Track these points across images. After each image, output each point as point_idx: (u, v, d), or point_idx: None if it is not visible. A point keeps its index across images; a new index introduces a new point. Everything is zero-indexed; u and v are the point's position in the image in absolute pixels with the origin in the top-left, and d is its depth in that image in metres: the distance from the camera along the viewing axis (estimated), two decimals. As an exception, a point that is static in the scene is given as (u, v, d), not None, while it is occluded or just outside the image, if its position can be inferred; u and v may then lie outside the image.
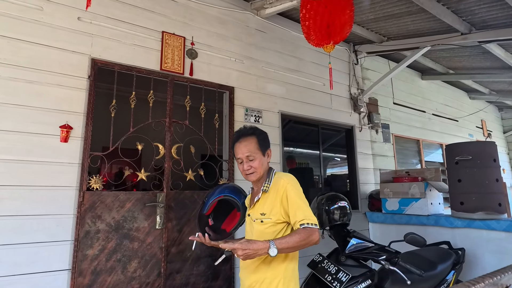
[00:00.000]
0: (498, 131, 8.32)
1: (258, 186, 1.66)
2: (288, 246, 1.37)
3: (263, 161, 1.64)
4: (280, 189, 1.53)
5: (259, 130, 1.72)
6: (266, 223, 1.54)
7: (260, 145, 1.65)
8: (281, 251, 1.36)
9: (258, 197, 1.60)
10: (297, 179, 1.61)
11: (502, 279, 1.02)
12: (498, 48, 4.34)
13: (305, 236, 1.40)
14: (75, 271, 2.27)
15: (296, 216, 1.46)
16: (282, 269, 1.51)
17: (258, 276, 1.53)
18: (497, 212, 2.99)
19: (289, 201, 1.50)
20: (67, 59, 2.48)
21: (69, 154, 2.38)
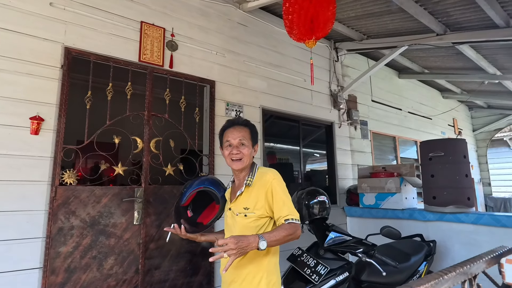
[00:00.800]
0: (468, 129, 8.74)
1: (239, 179, 1.65)
2: (276, 239, 1.40)
3: (251, 151, 1.63)
4: (265, 184, 1.53)
5: (252, 124, 1.72)
6: (250, 217, 1.54)
7: (252, 136, 1.66)
8: (269, 245, 1.38)
9: (241, 191, 1.59)
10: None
11: (471, 269, 1.07)
12: (470, 50, 4.54)
13: (291, 231, 1.43)
14: (47, 269, 2.17)
15: (282, 211, 1.48)
16: (265, 264, 1.52)
17: (240, 271, 1.53)
18: (466, 206, 3.15)
19: (274, 197, 1.51)
20: (39, 46, 2.35)
21: (41, 147, 2.27)
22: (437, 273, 0.94)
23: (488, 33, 3.73)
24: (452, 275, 0.94)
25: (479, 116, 8.92)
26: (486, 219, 2.95)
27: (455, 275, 0.96)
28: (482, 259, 1.13)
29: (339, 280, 2.09)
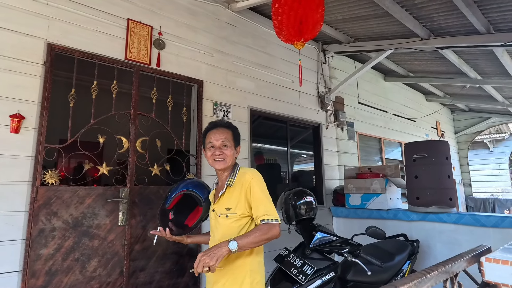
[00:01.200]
0: (450, 132, 9.00)
1: (222, 180, 1.67)
2: (251, 241, 1.42)
3: (233, 153, 1.68)
4: (244, 183, 1.56)
5: (234, 126, 1.77)
6: (231, 218, 1.55)
7: (234, 138, 1.71)
8: (242, 247, 1.39)
9: (223, 192, 1.61)
10: (265, 174, 1.65)
11: (452, 267, 1.10)
12: (453, 54, 4.67)
13: (265, 231, 1.44)
14: (27, 272, 2.10)
15: (258, 210, 1.50)
16: (248, 263, 1.54)
17: (225, 271, 1.53)
18: (448, 206, 3.23)
19: (253, 196, 1.53)
20: (20, 42, 2.27)
21: (21, 146, 2.19)
22: (420, 272, 0.96)
23: (470, 39, 3.84)
24: (435, 273, 0.96)
25: (460, 119, 9.20)
26: (467, 219, 3.04)
27: (438, 274, 0.98)
28: (463, 258, 1.16)
29: (325, 280, 2.11)
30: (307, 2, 1.90)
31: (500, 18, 3.49)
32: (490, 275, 1.07)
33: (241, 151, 3.53)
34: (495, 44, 3.79)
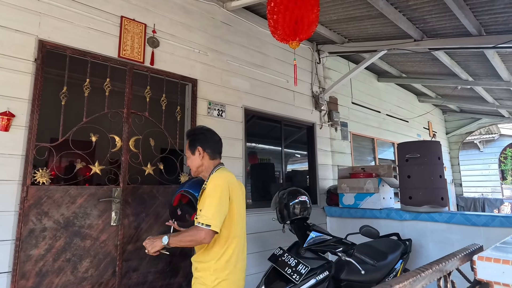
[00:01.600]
0: (442, 132, 9.12)
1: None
2: (177, 240, 1.61)
3: (193, 159, 1.83)
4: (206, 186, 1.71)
5: (191, 132, 1.92)
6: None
7: (189, 146, 1.85)
8: (172, 244, 1.61)
9: (199, 194, 1.76)
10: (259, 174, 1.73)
11: (445, 266, 1.11)
12: (445, 56, 4.73)
13: (191, 234, 1.59)
14: (17, 273, 2.06)
15: (198, 211, 1.65)
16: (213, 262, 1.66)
17: (194, 271, 1.76)
18: (440, 206, 3.27)
19: (202, 198, 1.69)
20: (10, 38, 2.22)
21: (11, 144, 2.15)
22: (415, 271, 0.96)
23: (462, 41, 3.90)
24: (429, 272, 0.97)
25: (452, 119, 9.33)
26: (458, 218, 3.08)
27: (432, 272, 0.99)
28: (456, 257, 1.17)
29: (320, 279, 2.12)
30: (303, 2, 1.90)
31: (491, 20, 3.55)
32: (482, 274, 1.08)
33: (235, 150, 3.55)
34: (486, 46, 3.85)
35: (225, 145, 3.36)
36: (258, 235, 3.50)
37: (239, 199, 1.77)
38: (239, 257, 1.73)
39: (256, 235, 3.48)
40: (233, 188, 1.73)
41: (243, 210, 1.84)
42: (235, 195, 1.73)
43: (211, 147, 1.85)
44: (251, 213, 3.50)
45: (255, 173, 3.99)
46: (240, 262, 1.74)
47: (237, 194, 1.76)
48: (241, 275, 1.75)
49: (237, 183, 1.81)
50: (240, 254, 1.74)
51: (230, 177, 1.77)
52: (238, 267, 1.72)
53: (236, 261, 1.71)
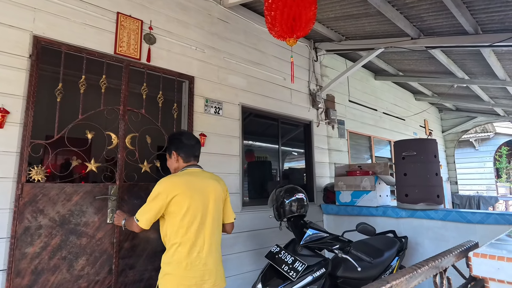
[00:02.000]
0: (438, 130, 9.17)
1: None
2: (126, 225, 2.01)
3: (170, 162, 2.09)
4: None
5: (169, 136, 2.15)
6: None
7: (167, 149, 2.10)
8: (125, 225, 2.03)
9: None
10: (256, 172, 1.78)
11: (441, 263, 1.11)
12: (442, 54, 4.75)
13: (130, 223, 1.94)
14: (12, 271, 2.05)
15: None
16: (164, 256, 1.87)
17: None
18: (435, 203, 3.30)
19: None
20: (4, 34, 2.19)
21: (5, 141, 2.13)
22: (411, 267, 0.97)
23: (459, 39, 3.91)
24: (425, 268, 0.97)
25: (448, 118, 9.39)
26: (454, 216, 3.11)
27: (428, 269, 0.99)
28: (452, 253, 1.18)
29: (316, 276, 2.13)
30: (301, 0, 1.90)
31: (488, 19, 3.56)
32: (477, 270, 1.09)
33: (232, 148, 3.54)
34: (482, 44, 3.87)
35: (222, 142, 3.38)
36: (255, 233, 3.50)
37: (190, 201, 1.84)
38: (183, 255, 1.78)
39: (253, 233, 3.49)
40: (180, 190, 1.83)
41: (200, 212, 1.88)
42: (182, 197, 1.82)
43: (185, 151, 2.03)
44: (248, 210, 3.50)
45: (252, 171, 3.99)
46: (186, 260, 1.78)
47: (187, 195, 1.84)
48: (187, 273, 1.77)
49: (191, 184, 1.89)
50: (186, 252, 1.79)
51: (179, 180, 1.89)
52: (183, 265, 1.77)
53: (181, 258, 1.78)
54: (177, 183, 1.86)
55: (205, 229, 1.88)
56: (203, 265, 1.82)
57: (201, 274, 1.81)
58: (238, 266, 3.29)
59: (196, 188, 1.89)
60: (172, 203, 1.82)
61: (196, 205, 1.86)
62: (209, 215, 1.91)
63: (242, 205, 3.45)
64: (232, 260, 3.24)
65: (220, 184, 2.04)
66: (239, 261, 3.30)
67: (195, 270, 1.79)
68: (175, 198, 1.82)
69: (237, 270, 3.27)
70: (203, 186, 1.92)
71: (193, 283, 1.77)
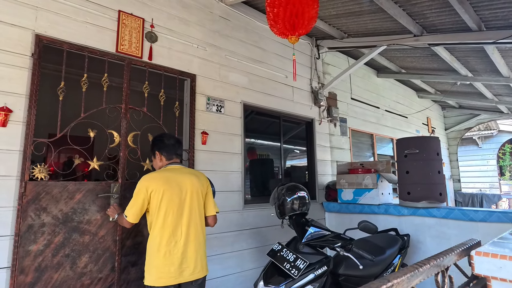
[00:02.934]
0: (441, 128, 9.13)
1: None
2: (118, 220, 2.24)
3: (155, 161, 2.26)
4: None
5: (152, 139, 2.33)
6: None
7: (151, 150, 2.28)
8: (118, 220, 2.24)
9: None
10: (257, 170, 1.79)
11: (443, 261, 1.11)
12: (445, 51, 4.71)
13: (120, 219, 2.15)
14: (16, 269, 2.07)
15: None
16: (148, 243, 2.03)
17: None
18: (438, 201, 3.28)
19: None
20: (6, 33, 2.20)
21: (8, 140, 2.14)
22: (413, 265, 0.97)
23: (462, 36, 3.88)
24: (427, 267, 0.97)
25: (451, 115, 9.33)
26: (456, 214, 3.10)
27: (429, 267, 0.99)
28: (454, 252, 1.17)
29: (318, 274, 2.13)
30: (304, -3, 1.89)
31: (491, 15, 3.53)
32: (479, 269, 1.09)
33: (234, 146, 3.55)
34: (486, 41, 3.84)
35: (224, 140, 3.38)
36: (257, 230, 3.51)
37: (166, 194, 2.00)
38: (162, 244, 1.94)
39: (255, 230, 3.49)
40: (157, 184, 1.99)
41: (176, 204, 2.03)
42: (159, 191, 1.99)
43: (167, 150, 2.20)
44: (250, 208, 3.50)
45: (254, 168, 3.99)
46: (164, 249, 1.94)
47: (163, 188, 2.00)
48: (166, 261, 1.93)
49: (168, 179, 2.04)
50: (164, 242, 1.95)
51: (157, 175, 2.05)
52: (162, 253, 1.93)
53: (159, 247, 1.94)
54: (155, 178, 2.03)
55: (182, 220, 2.03)
56: (181, 254, 1.97)
57: (179, 262, 1.95)
58: (240, 263, 3.30)
59: (172, 182, 2.04)
60: (151, 197, 1.99)
61: (172, 197, 2.02)
62: (186, 206, 2.06)
63: (244, 203, 3.45)
64: (234, 258, 3.25)
65: (199, 179, 2.18)
66: (240, 259, 3.31)
67: (173, 258, 1.94)
68: (153, 192, 1.99)
69: (239, 268, 3.28)
70: (180, 181, 2.07)
71: (172, 271, 1.92)
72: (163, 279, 1.90)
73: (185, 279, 1.95)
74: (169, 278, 1.91)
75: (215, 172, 3.21)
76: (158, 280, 1.90)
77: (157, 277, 1.90)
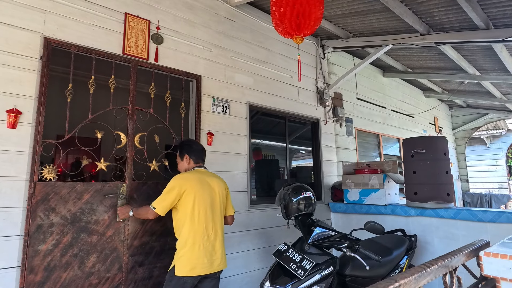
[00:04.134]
0: (448, 128, 9.03)
1: None
2: (137, 213, 2.31)
3: (182, 163, 2.43)
4: None
5: (181, 143, 2.49)
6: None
7: (179, 153, 2.44)
8: (134, 214, 2.32)
9: None
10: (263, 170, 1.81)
11: (451, 262, 1.10)
12: (452, 50, 4.67)
13: (144, 211, 2.24)
14: (26, 268, 2.10)
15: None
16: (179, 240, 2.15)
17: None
18: (445, 202, 3.25)
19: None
20: (16, 36, 2.24)
21: (18, 141, 2.18)
22: (420, 266, 0.96)
23: (469, 34, 3.84)
24: (434, 268, 0.96)
25: (458, 115, 9.22)
26: (464, 214, 3.06)
27: (437, 268, 0.98)
28: (462, 252, 1.16)
29: (324, 275, 2.12)
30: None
31: (499, 13, 3.48)
32: (488, 269, 1.08)
33: (240, 146, 3.56)
34: (494, 39, 3.79)
35: (230, 141, 3.39)
36: (263, 231, 3.51)
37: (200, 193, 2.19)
38: (196, 238, 2.11)
39: (261, 231, 3.49)
40: (191, 184, 2.17)
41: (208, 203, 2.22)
42: (193, 190, 2.16)
43: (195, 154, 2.39)
44: (255, 209, 3.51)
45: (260, 169, 3.99)
46: (199, 242, 2.12)
47: (197, 188, 2.18)
48: (200, 253, 2.11)
49: (201, 180, 2.23)
50: (198, 236, 2.13)
51: (191, 176, 2.23)
52: (197, 246, 2.10)
53: (194, 241, 2.10)
54: (189, 179, 2.20)
55: (213, 217, 2.23)
56: (212, 247, 2.17)
57: (210, 255, 2.15)
58: (246, 264, 3.30)
59: (204, 183, 2.24)
60: (185, 195, 2.15)
61: (205, 197, 2.20)
62: (216, 205, 2.27)
63: (249, 203, 3.46)
64: (240, 258, 3.26)
65: (222, 182, 2.41)
66: (247, 259, 3.32)
67: (206, 251, 2.14)
68: (187, 191, 2.15)
69: (245, 268, 3.29)
70: (209, 182, 2.28)
71: (205, 262, 2.11)
72: (197, 269, 2.08)
73: (214, 269, 2.15)
74: (202, 268, 2.09)
75: (221, 172, 3.22)
76: (192, 270, 2.06)
77: (191, 267, 2.06)
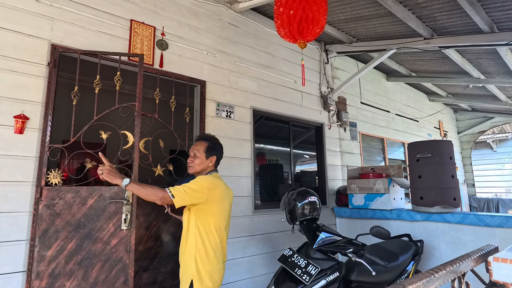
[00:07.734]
0: (453, 132, 8.96)
1: None
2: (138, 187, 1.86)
3: (203, 161, 2.11)
4: None
5: (213, 139, 2.22)
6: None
7: (207, 149, 2.12)
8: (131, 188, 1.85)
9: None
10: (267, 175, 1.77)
11: (460, 267, 1.09)
12: (456, 54, 4.65)
13: (154, 190, 1.86)
14: (31, 273, 2.11)
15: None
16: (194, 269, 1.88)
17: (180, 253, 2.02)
18: (452, 206, 3.22)
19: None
20: (23, 43, 2.28)
21: (25, 146, 2.20)
22: (428, 271, 0.95)
23: (473, 38, 3.83)
24: (443, 273, 0.95)
25: (463, 118, 9.16)
26: (471, 219, 3.02)
27: (445, 273, 0.97)
28: (470, 258, 1.15)
29: (330, 280, 2.10)
30: (313, 1, 1.90)
31: (503, 17, 3.47)
32: (498, 275, 1.06)
33: (244, 151, 3.56)
34: (499, 43, 3.77)
35: (234, 146, 3.40)
36: (268, 236, 3.50)
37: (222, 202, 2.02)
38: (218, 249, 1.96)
39: (266, 236, 3.48)
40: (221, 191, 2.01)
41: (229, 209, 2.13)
42: (218, 198, 1.99)
43: (219, 159, 2.24)
44: (260, 214, 3.50)
45: (264, 174, 3.99)
46: (220, 254, 1.98)
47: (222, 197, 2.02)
48: (221, 264, 1.98)
49: (226, 190, 2.08)
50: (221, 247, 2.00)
51: (219, 183, 2.03)
52: (220, 258, 1.97)
53: (218, 252, 1.96)
54: (219, 187, 2.02)
55: (228, 225, 2.14)
56: (225, 256, 2.07)
57: (224, 263, 2.05)
58: (251, 269, 3.28)
59: (230, 193, 2.16)
60: (211, 201, 1.95)
61: (226, 206, 2.07)
62: (230, 214, 2.17)
63: (254, 208, 3.45)
64: (245, 263, 3.24)
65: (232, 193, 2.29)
66: (251, 264, 3.30)
67: (224, 261, 2.04)
68: (210, 198, 1.95)
69: (250, 274, 3.27)
70: (229, 192, 2.17)
71: (223, 273, 2.01)
72: (219, 282, 1.96)
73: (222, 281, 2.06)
74: (221, 280, 1.98)
75: (225, 177, 3.21)
76: (216, 283, 1.93)
77: (218, 279, 1.94)
